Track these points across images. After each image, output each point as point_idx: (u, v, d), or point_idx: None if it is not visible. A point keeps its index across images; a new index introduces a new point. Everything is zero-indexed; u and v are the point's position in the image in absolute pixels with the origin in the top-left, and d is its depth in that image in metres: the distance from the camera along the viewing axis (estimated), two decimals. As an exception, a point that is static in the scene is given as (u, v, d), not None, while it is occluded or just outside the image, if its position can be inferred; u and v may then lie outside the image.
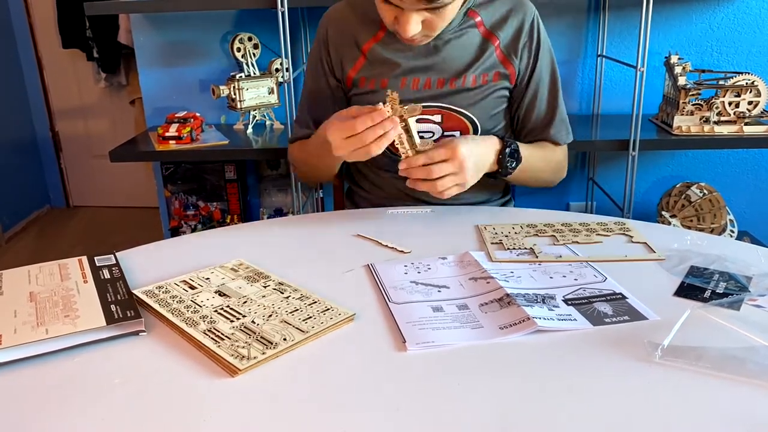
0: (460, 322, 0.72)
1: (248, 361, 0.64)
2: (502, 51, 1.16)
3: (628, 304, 0.76)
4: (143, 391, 0.62)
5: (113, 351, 0.69)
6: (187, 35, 2.08)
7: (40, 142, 3.49)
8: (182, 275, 0.85)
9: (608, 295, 0.78)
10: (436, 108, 1.16)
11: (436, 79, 1.16)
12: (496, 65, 1.16)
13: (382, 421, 0.57)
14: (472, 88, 1.15)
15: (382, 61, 1.16)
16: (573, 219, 1.04)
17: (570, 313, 0.74)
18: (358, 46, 1.17)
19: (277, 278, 0.84)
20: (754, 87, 1.71)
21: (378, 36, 1.16)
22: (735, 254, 0.89)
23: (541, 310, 0.73)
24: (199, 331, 0.70)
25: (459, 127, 1.18)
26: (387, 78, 1.16)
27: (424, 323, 0.72)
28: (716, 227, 1.85)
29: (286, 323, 0.72)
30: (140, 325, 0.72)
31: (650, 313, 0.74)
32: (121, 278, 0.83)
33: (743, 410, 0.57)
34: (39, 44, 3.32)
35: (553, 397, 0.60)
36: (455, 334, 0.70)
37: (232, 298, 0.78)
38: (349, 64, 1.18)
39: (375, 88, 1.17)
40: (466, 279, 0.83)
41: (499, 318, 0.73)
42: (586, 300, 0.77)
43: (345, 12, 1.20)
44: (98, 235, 3.24)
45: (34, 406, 0.60)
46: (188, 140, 1.86)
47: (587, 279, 0.82)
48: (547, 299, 0.77)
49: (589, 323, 0.72)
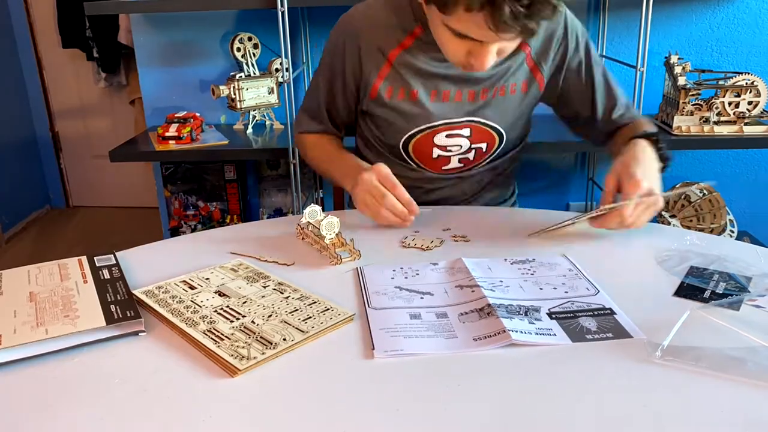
0: (435, 331, 0.71)
1: (248, 361, 0.64)
2: (533, 58, 1.12)
3: (615, 320, 0.73)
4: (143, 391, 0.62)
5: (113, 351, 0.69)
6: (187, 35, 2.08)
7: (40, 142, 3.49)
8: (182, 275, 0.85)
9: (596, 309, 0.75)
10: (465, 123, 1.14)
11: (467, 91, 1.11)
12: (525, 73, 1.13)
13: (381, 421, 0.57)
14: (503, 99, 1.13)
15: (412, 70, 1.10)
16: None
17: (551, 327, 0.71)
18: (383, 54, 1.11)
19: (277, 278, 0.83)
20: (754, 87, 1.71)
21: (405, 44, 1.10)
22: (735, 254, 0.89)
23: (521, 323, 0.71)
24: (199, 331, 0.70)
25: (486, 139, 1.16)
26: (416, 89, 1.11)
27: (398, 330, 0.71)
28: (716, 227, 1.85)
29: (285, 323, 0.72)
30: (140, 325, 0.72)
31: (636, 330, 0.70)
32: (121, 278, 0.83)
33: (743, 410, 0.57)
34: (39, 44, 3.32)
35: (553, 396, 0.60)
36: (427, 343, 0.69)
37: (231, 298, 0.78)
38: (373, 72, 1.12)
39: (405, 98, 1.12)
40: (452, 286, 0.82)
41: (475, 329, 0.71)
42: (572, 314, 0.74)
43: (364, 20, 1.12)
44: (98, 235, 3.24)
45: (34, 406, 0.60)
46: (188, 140, 1.86)
47: (578, 292, 0.80)
48: (531, 311, 0.75)
49: (569, 339, 0.69)
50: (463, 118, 1.13)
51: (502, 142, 1.17)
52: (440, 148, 1.16)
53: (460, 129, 1.14)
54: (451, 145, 1.15)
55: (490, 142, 1.16)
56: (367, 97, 1.15)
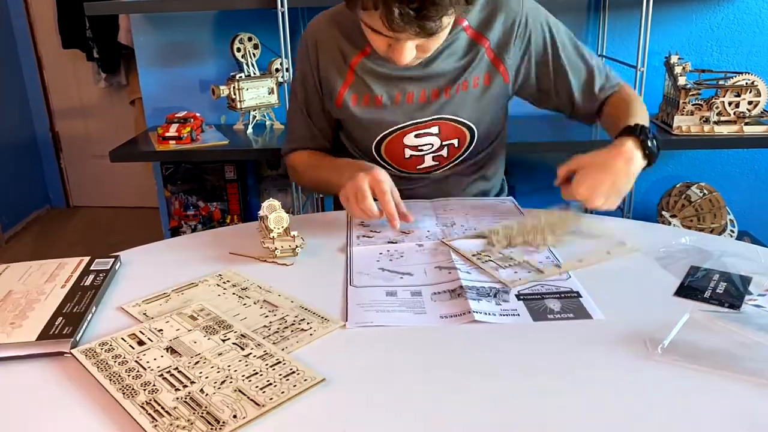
0: (407, 307, 0.77)
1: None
2: (493, 51, 1.13)
3: (579, 302, 0.77)
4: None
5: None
6: (187, 35, 2.08)
7: (40, 142, 3.49)
8: (133, 327, 0.74)
9: (564, 292, 0.79)
10: (432, 121, 1.15)
11: (430, 90, 1.13)
12: (487, 66, 1.13)
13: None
14: (466, 94, 1.13)
15: (374, 75, 1.13)
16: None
17: (516, 308, 0.76)
18: (346, 61, 1.13)
19: (241, 329, 0.72)
20: (754, 87, 1.71)
21: (366, 50, 1.12)
22: (735, 254, 0.89)
23: (488, 305, 0.76)
24: (137, 403, 0.60)
25: (456, 135, 1.16)
26: (380, 95, 1.13)
27: (371, 305, 0.77)
28: (716, 227, 1.85)
29: (240, 393, 0.61)
30: (66, 346, 0.69)
31: (597, 313, 0.74)
32: (98, 287, 0.81)
33: (743, 409, 0.57)
34: (39, 44, 3.32)
35: (553, 394, 0.60)
36: (396, 317, 0.74)
37: (183, 357, 0.67)
38: (338, 81, 1.14)
39: (370, 104, 1.14)
40: (431, 267, 0.87)
41: (443, 308, 0.76)
42: (539, 296, 0.79)
43: (327, 28, 1.15)
44: (98, 235, 3.24)
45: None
46: (188, 140, 1.86)
47: (551, 276, 0.84)
48: (501, 293, 0.79)
49: (531, 318, 0.74)
50: (428, 117, 1.14)
51: (474, 136, 1.17)
52: (412, 149, 1.17)
53: (427, 128, 1.15)
54: (421, 144, 1.16)
55: (461, 137, 1.17)
56: (334, 104, 1.17)
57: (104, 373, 0.65)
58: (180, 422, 0.57)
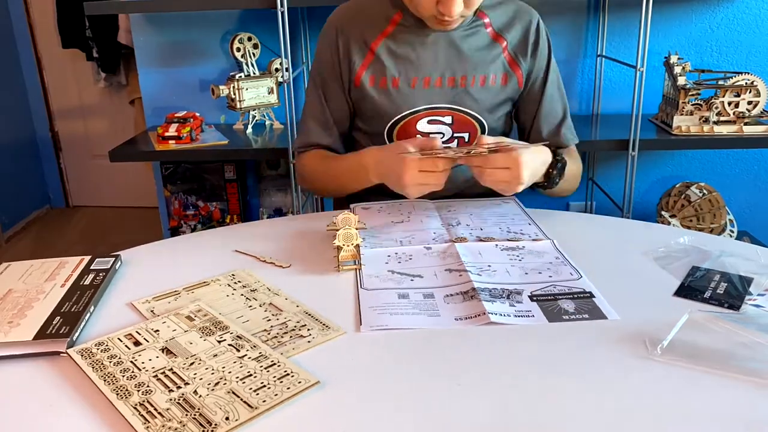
0: (420, 309, 0.76)
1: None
2: (510, 53, 1.17)
3: (594, 303, 0.77)
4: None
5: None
6: (187, 35, 2.08)
7: (40, 142, 3.48)
8: (130, 327, 0.74)
9: (577, 293, 0.79)
10: (447, 109, 1.16)
11: (447, 77, 1.15)
12: (504, 67, 1.17)
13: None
14: (484, 89, 1.16)
15: (393, 56, 1.15)
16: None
17: (530, 309, 0.76)
18: (367, 44, 1.16)
19: (237, 330, 0.72)
20: (754, 87, 1.71)
21: (386, 31, 1.15)
22: (735, 254, 0.89)
23: (502, 306, 0.76)
24: (130, 405, 0.60)
25: (468, 129, 1.18)
26: (398, 77, 1.15)
27: (385, 308, 0.76)
28: (716, 227, 1.85)
29: (233, 394, 0.60)
30: (62, 346, 0.69)
31: (612, 313, 0.74)
32: (98, 287, 0.81)
33: (742, 409, 0.57)
34: (39, 44, 3.31)
35: (553, 393, 0.60)
36: (411, 320, 0.74)
37: (178, 358, 0.67)
38: (358, 62, 1.16)
39: (387, 85, 1.15)
40: (441, 270, 0.87)
41: (457, 310, 0.76)
42: (553, 297, 0.78)
43: (352, 15, 1.18)
44: (98, 235, 3.24)
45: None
46: (188, 140, 1.86)
47: (562, 276, 0.84)
48: (513, 294, 0.79)
49: (546, 319, 0.74)
50: (444, 104, 1.16)
51: (484, 133, 1.19)
52: (423, 135, 1.18)
53: (442, 116, 1.17)
54: (433, 132, 1.18)
55: (472, 131, 1.19)
56: (352, 85, 1.19)
57: (99, 373, 0.65)
58: (172, 424, 0.57)
